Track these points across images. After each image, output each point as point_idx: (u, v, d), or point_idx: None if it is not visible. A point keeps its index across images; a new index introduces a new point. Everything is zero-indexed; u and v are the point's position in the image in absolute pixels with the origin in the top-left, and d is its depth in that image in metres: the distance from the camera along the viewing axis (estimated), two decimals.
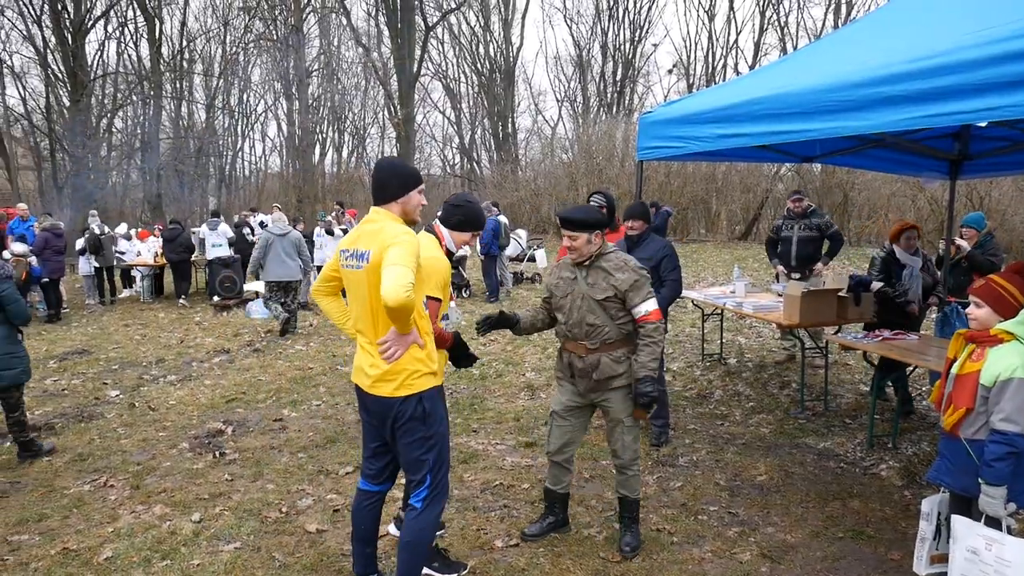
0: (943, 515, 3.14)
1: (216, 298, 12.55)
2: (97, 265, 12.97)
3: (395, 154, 32.90)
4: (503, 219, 13.25)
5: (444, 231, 3.47)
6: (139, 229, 16.56)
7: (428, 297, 3.10)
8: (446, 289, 3.32)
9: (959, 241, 6.44)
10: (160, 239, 14.28)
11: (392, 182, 2.93)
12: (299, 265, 9.94)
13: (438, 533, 3.67)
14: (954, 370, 3.00)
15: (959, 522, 2.86)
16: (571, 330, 3.66)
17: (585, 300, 3.59)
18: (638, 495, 3.80)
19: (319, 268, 12.44)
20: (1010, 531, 2.74)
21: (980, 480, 2.76)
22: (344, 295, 3.17)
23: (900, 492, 4.49)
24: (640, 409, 3.57)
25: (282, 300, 9.90)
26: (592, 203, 5.52)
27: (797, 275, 7.26)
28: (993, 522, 2.76)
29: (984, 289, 3.00)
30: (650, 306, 3.53)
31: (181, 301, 12.91)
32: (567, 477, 3.94)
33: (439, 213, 3.62)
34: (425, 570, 3.43)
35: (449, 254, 3.43)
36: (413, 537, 2.99)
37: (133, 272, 14.27)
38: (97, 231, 13.01)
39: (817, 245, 7.51)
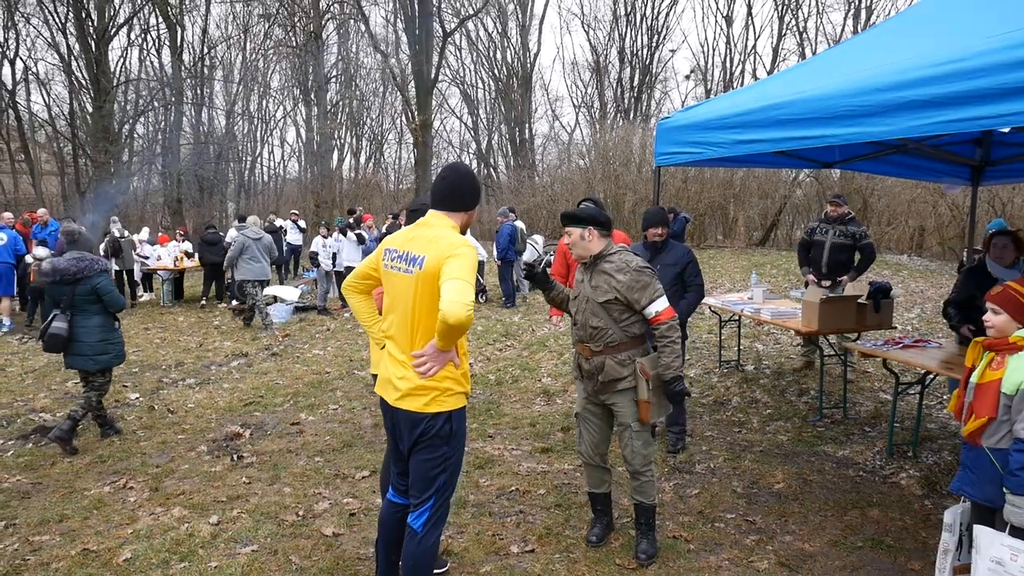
0: (965, 525, 3.08)
1: (235, 302, 12.65)
2: (117, 268, 13.12)
3: (412, 160, 33.10)
4: (520, 224, 13.26)
5: None
6: (160, 233, 16.76)
7: None
8: None
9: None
10: (179, 243, 14.45)
11: (472, 192, 2.88)
12: (268, 265, 11.00)
13: (438, 571, 3.60)
14: (974, 379, 2.96)
15: (982, 532, 2.80)
16: (579, 332, 3.67)
17: (589, 303, 3.58)
18: (653, 501, 3.75)
19: (339, 273, 12.58)
20: None
21: (1004, 489, 2.72)
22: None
23: (920, 501, 4.44)
24: (650, 410, 3.56)
25: (252, 296, 10.72)
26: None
27: (827, 283, 7.02)
28: (1018, 532, 2.70)
29: (1002, 296, 2.96)
30: (660, 306, 3.51)
31: (221, 304, 13.23)
32: (607, 476, 3.92)
33: None
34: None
35: None
36: (416, 562, 2.88)
37: (155, 276, 14.42)
38: (117, 234, 13.19)
39: (850, 254, 7.17)
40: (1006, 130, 4.83)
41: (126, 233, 13.67)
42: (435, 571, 3.52)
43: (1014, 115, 2.75)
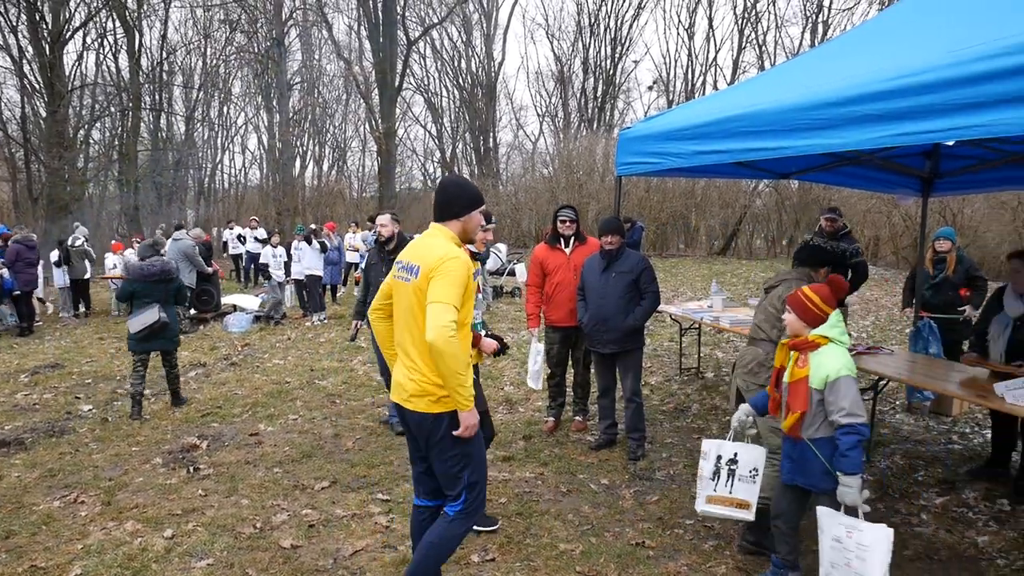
0: (723, 458, 3.49)
1: (193, 311, 12.42)
2: (70, 278, 12.78)
3: (376, 168, 32.93)
4: None
5: None
6: (112, 241, 16.36)
7: None
8: (469, 286, 3.42)
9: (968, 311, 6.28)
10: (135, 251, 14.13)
11: (460, 200, 3.01)
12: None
13: (490, 528, 4.05)
14: (785, 378, 3.24)
15: (824, 513, 3.04)
16: None
17: None
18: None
19: (297, 281, 12.44)
20: (865, 517, 2.94)
21: (837, 472, 2.98)
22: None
23: (874, 505, 4.51)
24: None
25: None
26: (563, 217, 5.61)
27: None
28: (851, 511, 2.97)
29: (792, 297, 3.26)
30: None
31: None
32: None
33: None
34: None
35: (474, 255, 3.65)
36: (438, 540, 3.01)
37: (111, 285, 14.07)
38: (70, 242, 12.77)
39: (842, 272, 7.16)
40: (951, 143, 4.97)
41: (78, 242, 12.94)
42: (488, 528, 4.03)
43: (959, 129, 2.85)
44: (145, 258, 6.77)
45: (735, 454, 3.50)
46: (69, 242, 12.82)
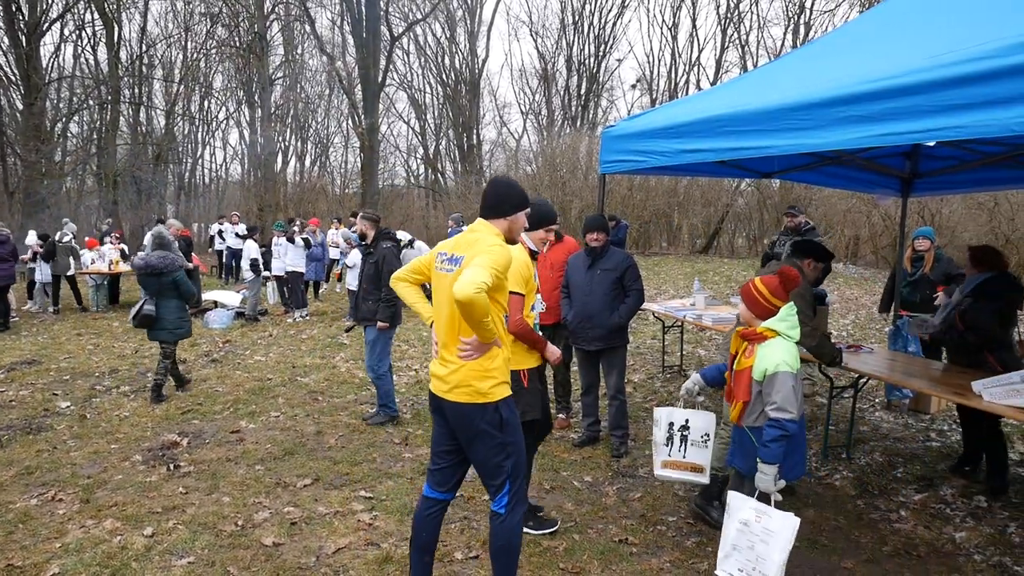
0: (675, 425, 3.68)
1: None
2: (52, 273, 12.73)
3: (359, 164, 32.76)
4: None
5: (524, 236, 3.76)
6: (87, 237, 16.14)
7: (511, 292, 3.22)
8: (530, 283, 3.57)
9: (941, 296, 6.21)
10: (115, 246, 13.96)
11: (510, 200, 3.07)
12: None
13: (550, 530, 4.08)
14: (735, 366, 3.35)
15: (734, 497, 3.17)
16: None
17: None
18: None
19: (278, 278, 12.34)
20: (777, 505, 3.05)
21: (758, 459, 3.11)
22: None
23: (853, 502, 4.58)
24: None
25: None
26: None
27: None
28: (763, 497, 3.10)
29: (744, 288, 3.37)
30: None
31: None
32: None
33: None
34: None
35: (532, 253, 3.74)
36: (505, 542, 3.06)
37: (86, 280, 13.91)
38: (57, 238, 12.72)
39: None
40: (932, 144, 5.04)
41: (65, 238, 12.88)
42: (547, 530, 4.06)
43: (940, 130, 2.89)
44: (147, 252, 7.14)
45: (686, 420, 3.68)
46: (56, 237, 12.73)
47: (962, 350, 4.94)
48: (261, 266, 12.08)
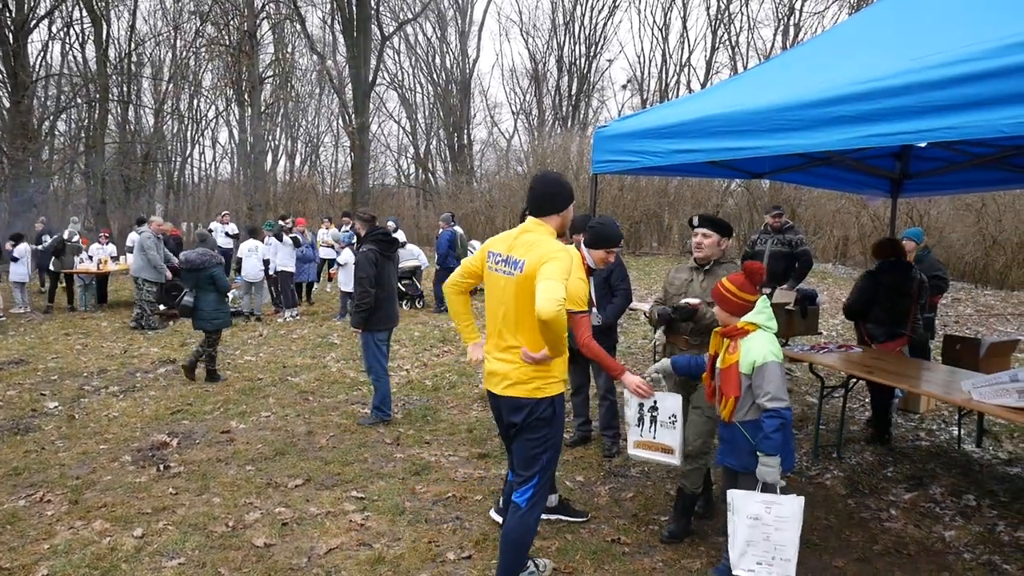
0: (645, 406, 3.71)
1: (162, 307, 12.22)
2: (56, 270, 13.04)
3: (349, 163, 32.67)
4: (459, 230, 13.23)
5: (584, 250, 3.91)
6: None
7: (572, 312, 3.27)
8: (584, 304, 3.59)
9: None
10: (103, 246, 13.88)
11: (561, 195, 3.13)
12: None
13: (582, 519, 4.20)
14: (719, 365, 3.36)
15: (736, 495, 3.17)
16: (683, 325, 4.01)
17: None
18: (692, 489, 3.97)
19: (271, 277, 12.28)
20: (781, 491, 3.09)
21: (759, 453, 3.12)
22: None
23: (844, 501, 4.60)
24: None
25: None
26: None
27: (767, 290, 7.23)
28: (768, 489, 3.11)
29: (714, 291, 3.42)
30: None
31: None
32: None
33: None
34: (554, 516, 4.13)
35: (590, 271, 3.84)
36: (518, 536, 3.16)
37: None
38: (66, 236, 13.08)
39: (789, 262, 7.49)
40: (922, 145, 5.08)
41: (75, 238, 13.30)
42: (578, 519, 4.18)
43: (931, 131, 2.91)
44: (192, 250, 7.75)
45: (654, 402, 3.70)
46: (66, 236, 13.09)
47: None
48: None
